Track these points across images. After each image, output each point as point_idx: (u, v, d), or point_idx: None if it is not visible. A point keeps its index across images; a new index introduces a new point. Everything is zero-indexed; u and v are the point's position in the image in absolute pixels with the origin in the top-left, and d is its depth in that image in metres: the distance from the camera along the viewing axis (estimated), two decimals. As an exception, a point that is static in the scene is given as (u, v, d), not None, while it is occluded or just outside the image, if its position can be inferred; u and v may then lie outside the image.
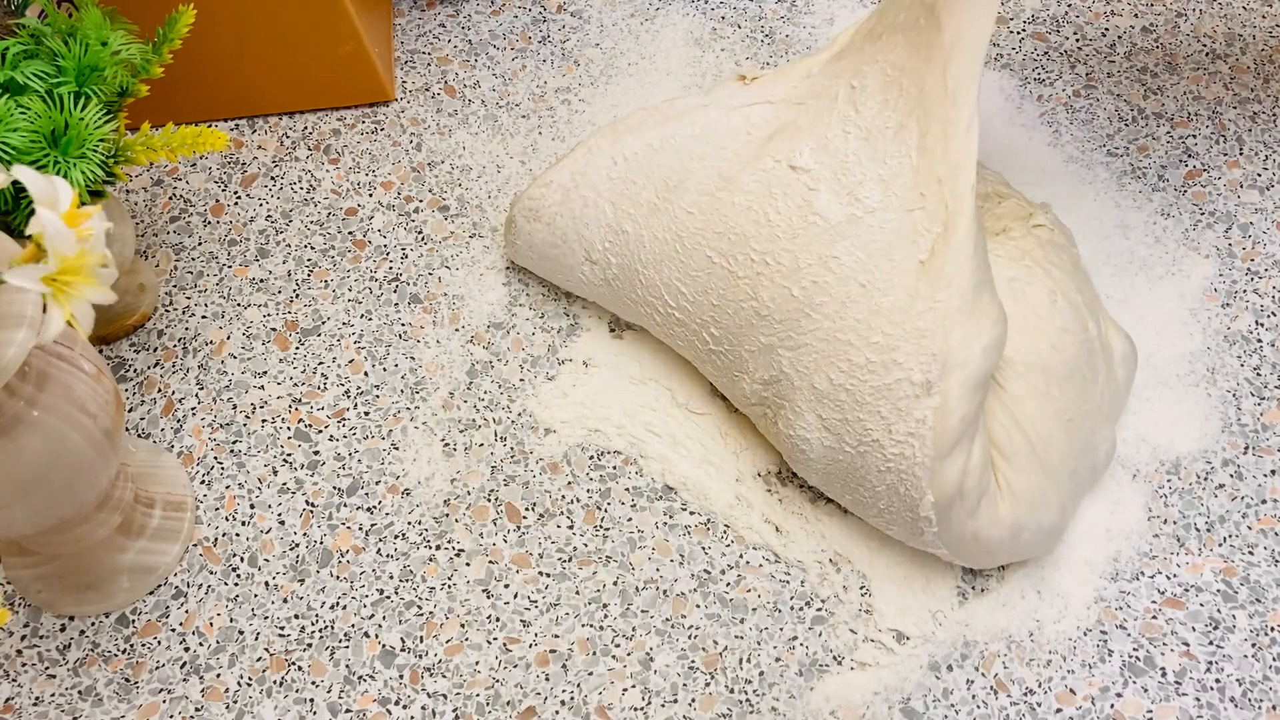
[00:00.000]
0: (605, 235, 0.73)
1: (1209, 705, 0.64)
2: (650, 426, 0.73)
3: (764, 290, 0.67)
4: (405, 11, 0.92)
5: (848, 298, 0.64)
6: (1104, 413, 0.68)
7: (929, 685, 0.65)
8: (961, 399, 0.61)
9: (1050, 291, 0.68)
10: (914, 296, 0.62)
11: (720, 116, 0.71)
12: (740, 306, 0.68)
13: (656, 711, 0.64)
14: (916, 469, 0.63)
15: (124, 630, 0.67)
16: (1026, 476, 0.65)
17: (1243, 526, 0.69)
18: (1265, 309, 0.77)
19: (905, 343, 0.62)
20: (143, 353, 0.76)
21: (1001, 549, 0.65)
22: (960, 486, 0.62)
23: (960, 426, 0.62)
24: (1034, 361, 0.66)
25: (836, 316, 0.64)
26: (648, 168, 0.71)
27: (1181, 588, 0.67)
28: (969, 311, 0.62)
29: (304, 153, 0.85)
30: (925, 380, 0.62)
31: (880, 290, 0.63)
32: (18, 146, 0.58)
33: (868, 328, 0.63)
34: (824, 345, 0.65)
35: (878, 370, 0.63)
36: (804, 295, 0.65)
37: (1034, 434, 0.65)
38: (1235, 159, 0.84)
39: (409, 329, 0.77)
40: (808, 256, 0.65)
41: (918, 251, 0.63)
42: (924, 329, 0.62)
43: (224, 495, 0.71)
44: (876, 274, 0.63)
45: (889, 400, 0.63)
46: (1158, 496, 0.70)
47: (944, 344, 0.61)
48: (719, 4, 0.92)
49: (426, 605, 0.67)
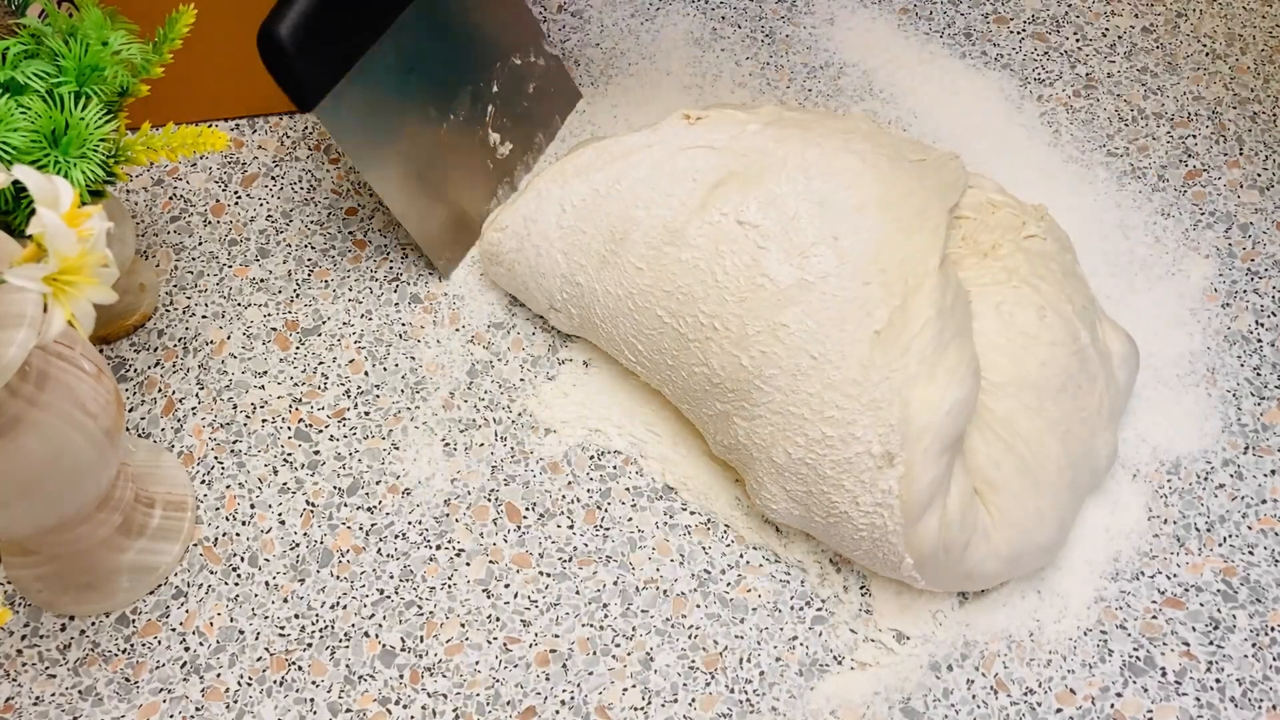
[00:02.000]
0: (562, 286, 0.71)
1: (1209, 705, 0.64)
2: (650, 426, 0.73)
3: (714, 357, 0.64)
4: (405, 11, 0.92)
5: (798, 370, 0.62)
6: (1103, 417, 0.67)
7: (929, 685, 0.65)
8: (927, 465, 0.59)
9: (1039, 308, 0.66)
10: (868, 368, 0.60)
11: (665, 158, 0.68)
12: (693, 371, 0.66)
13: (656, 711, 0.64)
14: (890, 537, 0.61)
15: (124, 630, 0.67)
16: (1021, 503, 0.63)
17: (1243, 526, 0.69)
18: (1265, 309, 0.77)
19: (861, 415, 0.60)
20: (143, 353, 0.76)
21: (1000, 576, 0.65)
22: (940, 541, 0.61)
23: (929, 490, 0.60)
24: (1023, 380, 0.64)
25: (789, 390, 0.62)
26: (595, 216, 0.69)
27: (1181, 588, 0.67)
28: (930, 376, 0.60)
29: (304, 153, 0.85)
30: (886, 452, 0.60)
31: (832, 363, 0.61)
32: (18, 146, 0.58)
33: (821, 401, 0.61)
34: (778, 419, 0.63)
35: (835, 445, 0.61)
36: (753, 365, 0.63)
37: (1028, 454, 0.64)
38: (1235, 159, 0.84)
39: (409, 329, 0.77)
40: (756, 323, 0.63)
41: (873, 322, 0.61)
42: (879, 399, 0.60)
43: (224, 495, 0.71)
44: (828, 344, 0.61)
45: (851, 474, 0.61)
46: (1158, 496, 0.70)
47: (902, 413, 0.59)
48: (719, 4, 0.92)
49: (426, 605, 0.67)
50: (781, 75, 0.89)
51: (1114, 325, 0.71)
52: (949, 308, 0.62)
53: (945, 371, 0.60)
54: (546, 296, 0.73)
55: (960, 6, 0.93)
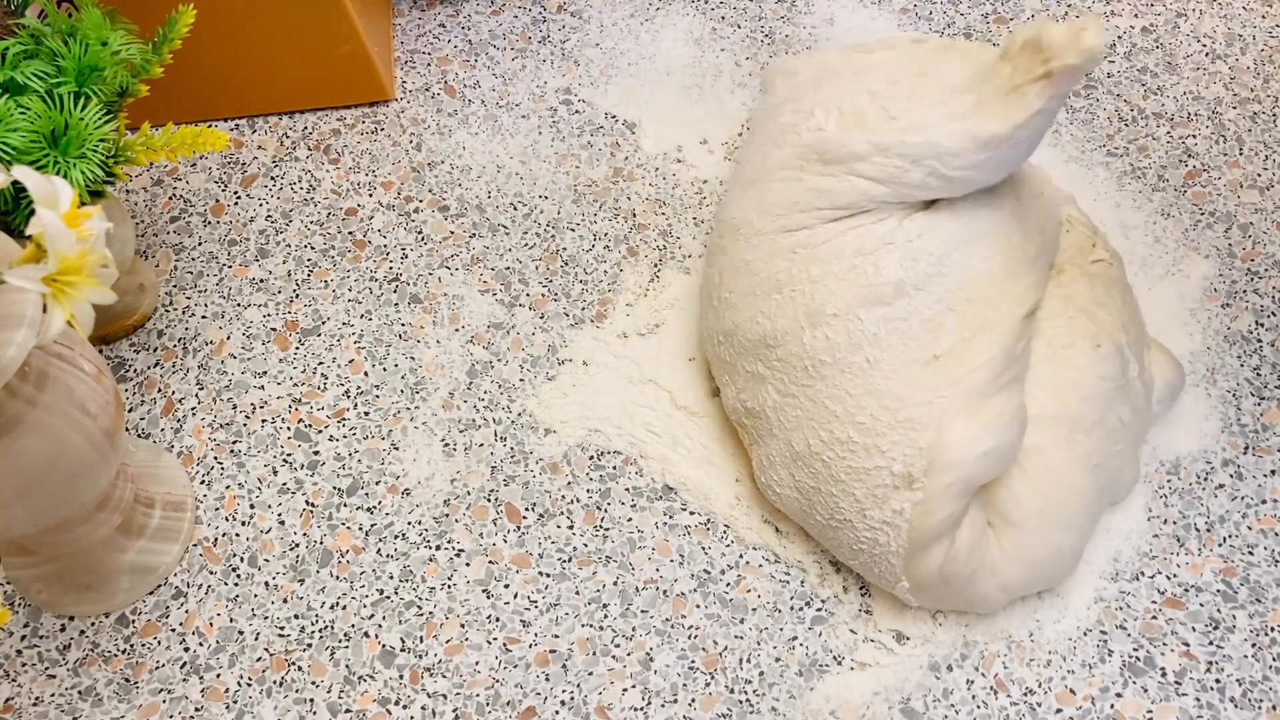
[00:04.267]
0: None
1: (1209, 705, 0.64)
2: (650, 427, 0.73)
3: (781, 318, 0.64)
4: (405, 11, 0.92)
5: (850, 367, 0.61)
6: (1134, 446, 0.66)
7: (929, 685, 0.65)
8: (947, 500, 0.58)
9: (1094, 339, 0.64)
10: (914, 387, 0.60)
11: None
12: (755, 322, 0.65)
13: (656, 711, 0.64)
14: (891, 557, 0.61)
15: (124, 630, 0.67)
16: (1038, 539, 0.62)
17: (1243, 526, 0.69)
18: (1265, 309, 0.77)
19: (892, 430, 0.59)
20: (143, 353, 0.76)
21: (1003, 604, 0.64)
22: (942, 573, 0.61)
23: (942, 525, 0.59)
24: (1061, 414, 0.63)
25: (833, 382, 0.61)
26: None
27: (1181, 588, 0.67)
28: (974, 414, 0.59)
29: (304, 153, 0.85)
30: (906, 473, 0.59)
31: (882, 371, 0.60)
32: (18, 146, 0.58)
33: (858, 406, 0.60)
34: (811, 406, 0.62)
35: (859, 452, 0.60)
36: (812, 344, 0.62)
37: (1052, 489, 0.62)
38: (1235, 159, 0.84)
39: (409, 329, 0.77)
40: (836, 304, 0.62)
41: (935, 345, 0.60)
42: (915, 420, 0.59)
43: (224, 495, 0.71)
44: (886, 352, 0.60)
45: (864, 484, 0.60)
46: (1158, 496, 0.70)
47: (934, 440, 0.58)
48: (719, 4, 0.92)
49: (426, 605, 0.67)
50: (781, 75, 0.88)
51: (1164, 351, 0.68)
52: (1015, 355, 0.61)
53: (991, 414, 0.59)
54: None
55: (960, 6, 0.92)
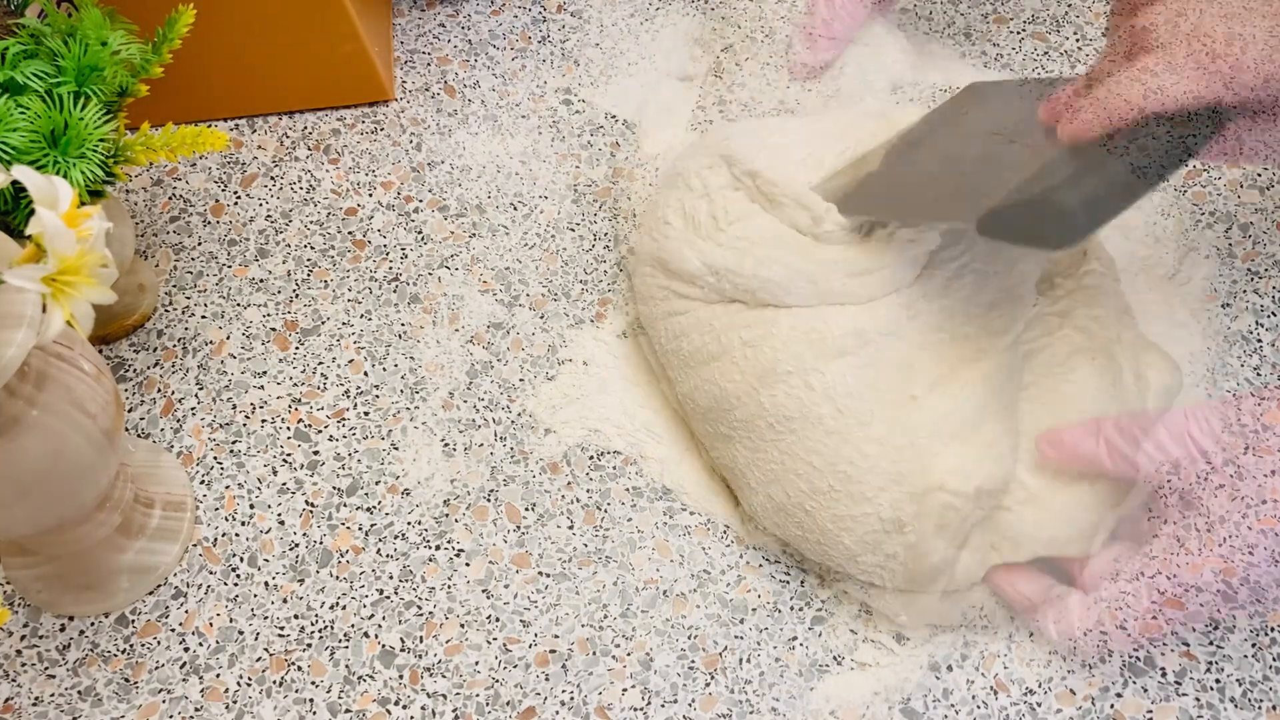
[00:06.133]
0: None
1: (1209, 705, 0.64)
2: (650, 427, 0.73)
3: (729, 383, 0.60)
4: (405, 11, 0.92)
5: (819, 419, 0.57)
6: None
7: (929, 685, 0.65)
8: (940, 543, 0.56)
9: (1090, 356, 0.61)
10: (894, 429, 0.56)
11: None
12: (704, 390, 0.62)
13: (656, 711, 0.64)
14: (886, 595, 0.60)
15: (124, 630, 0.67)
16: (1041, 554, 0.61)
17: (1243, 527, 0.69)
18: (1265, 309, 0.77)
19: (874, 475, 0.56)
20: (142, 353, 0.76)
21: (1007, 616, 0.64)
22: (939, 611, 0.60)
23: (939, 565, 0.57)
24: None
25: (802, 434, 0.58)
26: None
27: (1182, 588, 0.67)
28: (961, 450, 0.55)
29: (304, 153, 0.85)
30: (895, 518, 0.56)
31: (858, 418, 0.56)
32: (17, 146, 0.58)
33: (836, 454, 0.56)
34: (786, 459, 0.59)
35: (842, 500, 0.57)
36: (771, 405, 0.58)
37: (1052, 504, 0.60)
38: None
39: (409, 329, 0.77)
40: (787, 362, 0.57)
41: (911, 387, 0.56)
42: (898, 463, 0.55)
43: (224, 495, 0.71)
44: (857, 401, 0.56)
45: (852, 533, 0.57)
46: (1158, 496, 0.70)
47: (921, 481, 0.55)
48: (719, 3, 0.92)
49: (426, 605, 0.67)
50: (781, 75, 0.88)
51: (1160, 354, 0.67)
52: (1000, 384, 0.57)
53: (980, 448, 0.56)
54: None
55: (960, 6, 0.92)
